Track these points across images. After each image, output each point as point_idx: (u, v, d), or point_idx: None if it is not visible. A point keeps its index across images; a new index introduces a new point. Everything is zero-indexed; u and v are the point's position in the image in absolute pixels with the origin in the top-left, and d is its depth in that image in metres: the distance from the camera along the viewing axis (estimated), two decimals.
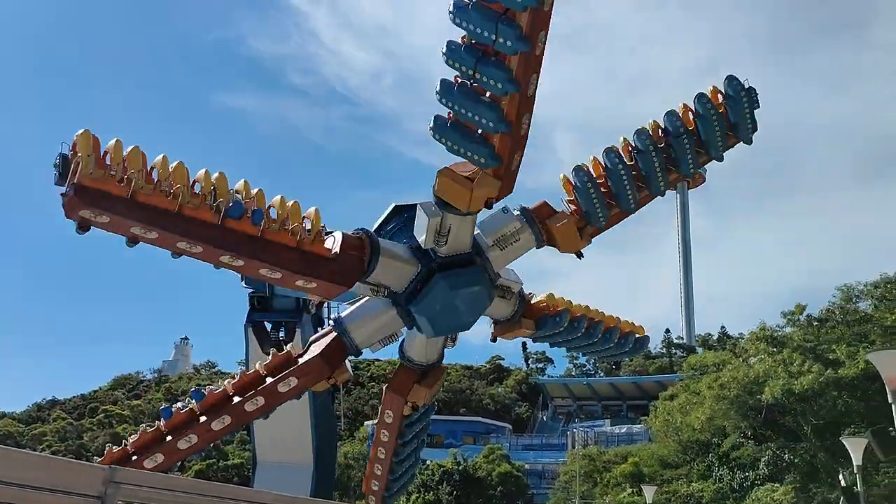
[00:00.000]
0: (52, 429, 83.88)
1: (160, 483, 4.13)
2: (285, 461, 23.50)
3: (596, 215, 11.90)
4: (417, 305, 10.78)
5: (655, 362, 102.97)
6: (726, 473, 37.35)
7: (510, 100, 9.33)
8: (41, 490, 3.33)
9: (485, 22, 8.89)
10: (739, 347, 40.84)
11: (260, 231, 9.32)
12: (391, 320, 11.42)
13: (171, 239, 8.77)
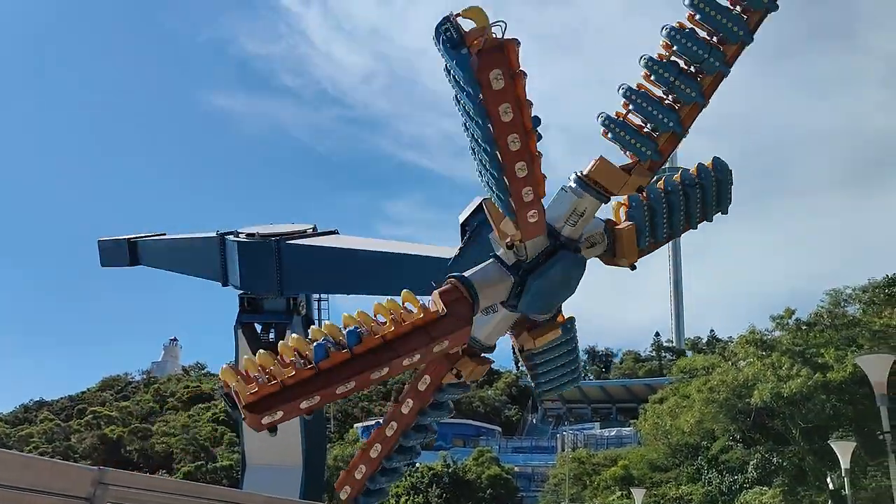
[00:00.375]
0: (39, 430, 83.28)
1: (149, 484, 4.10)
2: (274, 463, 23.38)
3: (644, 235, 11.96)
4: (537, 279, 10.89)
5: (645, 365, 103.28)
6: (715, 477, 37.46)
7: (691, 108, 10.23)
8: (29, 491, 3.30)
9: (702, 45, 10.09)
10: (729, 351, 40.96)
11: (382, 337, 9.64)
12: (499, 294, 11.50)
13: (328, 392, 9.22)
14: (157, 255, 25.83)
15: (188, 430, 79.15)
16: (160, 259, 25.91)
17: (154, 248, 25.63)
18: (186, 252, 24.29)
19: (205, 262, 22.90)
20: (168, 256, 25.56)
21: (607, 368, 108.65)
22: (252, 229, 22.29)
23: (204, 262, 23.06)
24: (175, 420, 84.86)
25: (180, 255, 24.77)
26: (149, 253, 25.39)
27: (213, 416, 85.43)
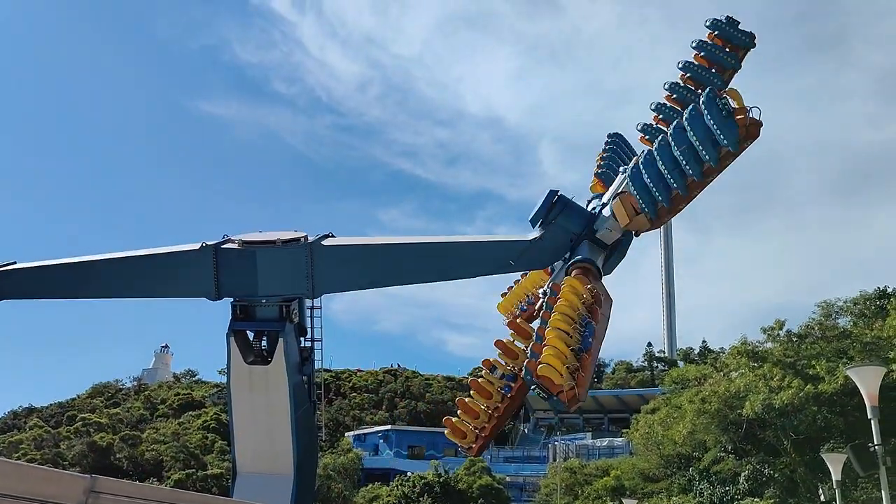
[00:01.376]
0: (28, 437, 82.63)
1: (141, 493, 4.08)
2: (265, 471, 23.26)
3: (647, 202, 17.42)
4: (620, 253, 20.01)
5: (637, 376, 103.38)
6: (707, 488, 37.45)
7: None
8: (22, 500, 3.29)
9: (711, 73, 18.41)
10: (720, 362, 41.05)
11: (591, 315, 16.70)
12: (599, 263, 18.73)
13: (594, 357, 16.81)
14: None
15: (178, 437, 78.68)
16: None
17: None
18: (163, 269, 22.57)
19: (190, 277, 22.46)
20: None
21: (599, 378, 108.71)
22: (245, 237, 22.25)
23: (188, 278, 22.61)
24: (165, 427, 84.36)
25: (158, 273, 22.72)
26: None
27: (204, 423, 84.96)
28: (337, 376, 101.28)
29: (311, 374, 24.86)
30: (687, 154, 16.00)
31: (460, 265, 20.71)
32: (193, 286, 22.40)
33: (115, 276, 22.67)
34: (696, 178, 16.21)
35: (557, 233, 18.72)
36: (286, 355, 22.50)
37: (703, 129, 15.64)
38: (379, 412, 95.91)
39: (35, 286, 23.20)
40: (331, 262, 21.57)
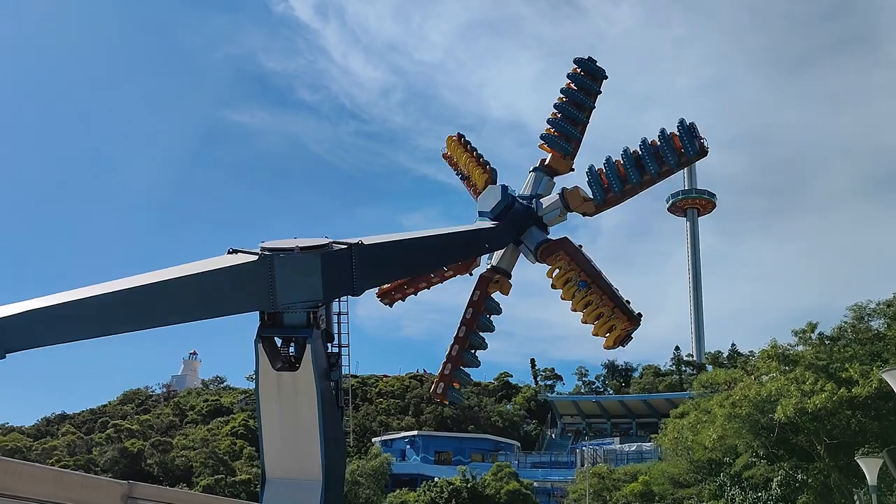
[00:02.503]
0: (61, 443, 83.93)
1: (177, 498, 4.11)
2: (294, 477, 23.33)
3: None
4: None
5: (665, 380, 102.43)
6: (738, 493, 36.92)
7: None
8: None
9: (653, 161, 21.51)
10: (751, 365, 40.47)
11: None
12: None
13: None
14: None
15: (207, 443, 79.41)
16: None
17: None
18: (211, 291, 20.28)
19: (244, 291, 21.00)
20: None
21: (627, 383, 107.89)
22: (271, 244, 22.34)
23: (242, 292, 21.07)
24: (195, 433, 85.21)
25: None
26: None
27: (232, 429, 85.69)
28: (363, 382, 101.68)
29: (339, 380, 24.88)
30: (649, 157, 20.87)
31: (450, 256, 21.72)
32: (249, 300, 20.72)
33: (156, 304, 19.18)
34: (654, 177, 21.07)
35: (508, 224, 22.35)
36: (314, 361, 22.51)
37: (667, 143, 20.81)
38: (405, 417, 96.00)
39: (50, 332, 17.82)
40: (369, 260, 21.55)
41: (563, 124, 22.83)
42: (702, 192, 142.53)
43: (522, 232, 22.85)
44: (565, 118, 23.17)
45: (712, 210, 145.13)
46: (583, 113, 23.12)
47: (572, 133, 22.99)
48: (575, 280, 21.43)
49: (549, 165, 23.26)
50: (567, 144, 23.24)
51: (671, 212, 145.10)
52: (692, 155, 21.08)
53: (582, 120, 23.06)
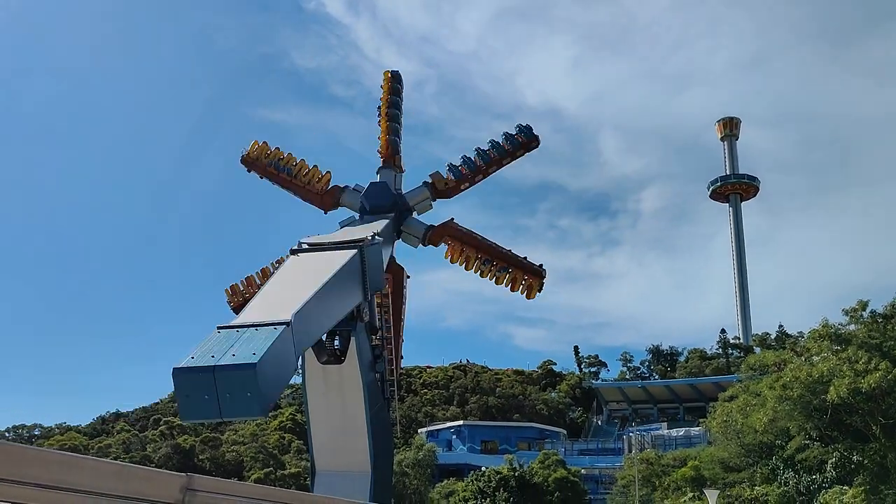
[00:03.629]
0: (116, 441, 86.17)
1: (233, 490, 4.17)
2: (343, 469, 23.61)
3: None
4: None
5: (712, 363, 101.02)
6: (792, 476, 36.28)
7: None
8: (123, 498, 3.39)
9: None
10: (801, 346, 39.67)
11: None
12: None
13: None
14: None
15: (257, 438, 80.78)
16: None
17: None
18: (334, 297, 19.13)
19: (351, 290, 20.48)
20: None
21: (672, 367, 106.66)
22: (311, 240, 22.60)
23: (351, 292, 20.55)
24: (244, 429, 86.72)
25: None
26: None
27: (281, 424, 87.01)
28: (407, 373, 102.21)
29: (384, 372, 25.14)
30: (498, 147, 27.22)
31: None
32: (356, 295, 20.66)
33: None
34: (500, 156, 27.50)
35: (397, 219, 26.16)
36: (359, 354, 22.76)
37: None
38: (450, 408, 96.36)
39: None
40: (374, 263, 21.62)
41: (471, 162, 28.03)
42: (741, 176, 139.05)
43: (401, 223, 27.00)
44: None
45: (755, 195, 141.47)
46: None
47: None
48: (474, 257, 26.31)
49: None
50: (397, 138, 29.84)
51: (713, 199, 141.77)
52: (529, 138, 27.59)
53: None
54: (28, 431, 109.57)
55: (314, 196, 28.97)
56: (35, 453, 3.04)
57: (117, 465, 3.45)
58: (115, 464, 3.45)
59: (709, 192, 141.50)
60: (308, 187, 28.94)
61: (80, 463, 3.25)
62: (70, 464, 3.20)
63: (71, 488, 3.08)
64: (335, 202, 28.79)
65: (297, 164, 29.50)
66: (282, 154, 29.86)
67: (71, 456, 3.19)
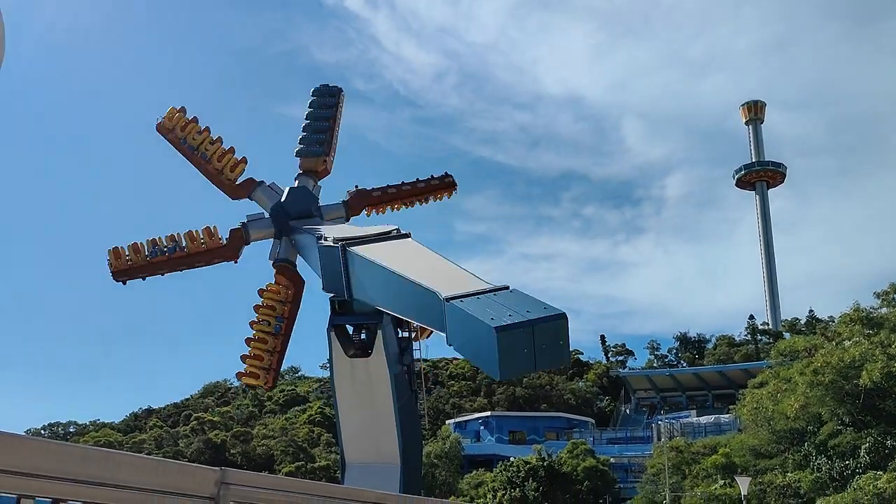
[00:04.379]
0: (149, 437, 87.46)
1: (267, 483, 4.20)
2: (373, 461, 23.75)
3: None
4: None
5: (740, 350, 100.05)
6: (824, 462, 35.86)
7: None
8: (159, 493, 3.43)
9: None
10: (832, 331, 39.18)
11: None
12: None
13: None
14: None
15: (286, 432, 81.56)
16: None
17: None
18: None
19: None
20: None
21: (700, 355, 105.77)
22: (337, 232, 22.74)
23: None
24: (273, 423, 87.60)
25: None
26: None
27: (310, 417, 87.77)
28: (434, 365, 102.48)
29: (411, 364, 25.22)
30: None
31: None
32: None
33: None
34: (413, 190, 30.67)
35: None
36: (386, 347, 22.90)
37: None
38: (477, 399, 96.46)
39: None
40: (356, 268, 20.77)
41: (311, 135, 28.76)
42: (765, 163, 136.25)
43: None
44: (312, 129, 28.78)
45: (782, 181, 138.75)
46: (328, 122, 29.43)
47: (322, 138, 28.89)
48: (394, 206, 28.82)
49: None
50: (319, 148, 28.97)
51: (739, 186, 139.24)
52: (444, 179, 30.56)
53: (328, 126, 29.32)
54: (63, 429, 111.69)
55: (226, 184, 28.40)
56: (73, 450, 3.08)
57: (153, 460, 3.49)
58: (151, 459, 3.49)
59: (734, 180, 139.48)
60: (221, 176, 28.26)
61: (117, 458, 3.30)
62: (107, 459, 3.24)
63: (109, 483, 3.12)
64: (246, 194, 28.34)
65: (214, 148, 28.63)
66: (199, 129, 28.87)
67: (108, 452, 3.23)
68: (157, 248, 26.86)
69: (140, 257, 26.65)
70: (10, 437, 2.78)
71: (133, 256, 26.74)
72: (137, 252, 26.77)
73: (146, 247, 26.92)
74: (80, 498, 3.04)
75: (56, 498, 2.95)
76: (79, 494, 3.00)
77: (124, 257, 26.76)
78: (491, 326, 13.17)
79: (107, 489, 3.10)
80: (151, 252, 26.76)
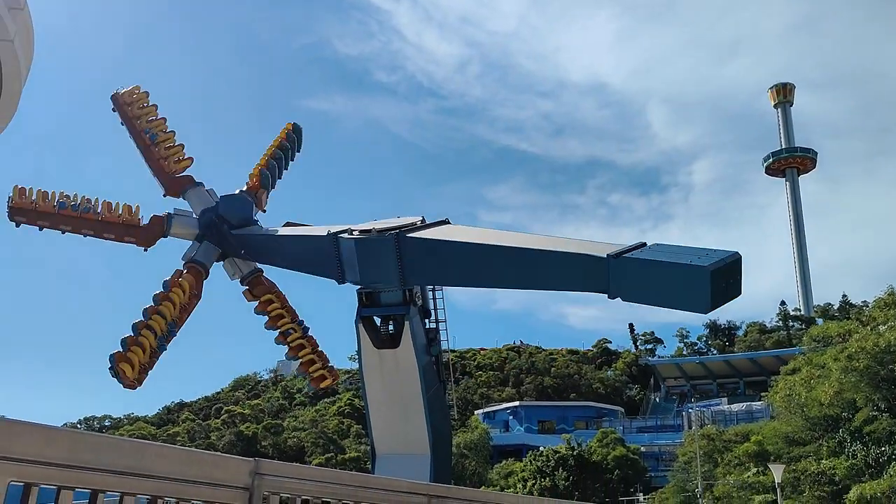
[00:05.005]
0: (182, 430, 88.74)
1: (300, 473, 4.23)
2: (403, 451, 23.87)
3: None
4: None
5: (772, 336, 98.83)
6: (860, 449, 35.32)
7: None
8: (194, 483, 3.47)
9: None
10: (866, 315, 38.50)
11: None
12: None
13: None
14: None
15: (317, 424, 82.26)
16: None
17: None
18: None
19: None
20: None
21: (731, 342, 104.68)
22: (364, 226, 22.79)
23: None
24: (304, 415, 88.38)
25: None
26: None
27: (339, 409, 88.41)
28: (461, 356, 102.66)
29: (439, 355, 25.29)
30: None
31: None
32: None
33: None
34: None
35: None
36: (413, 338, 22.98)
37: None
38: (506, 389, 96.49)
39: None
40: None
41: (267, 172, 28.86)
42: (793, 149, 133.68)
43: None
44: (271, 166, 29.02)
45: (813, 168, 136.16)
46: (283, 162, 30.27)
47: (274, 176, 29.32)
48: (289, 320, 27.07)
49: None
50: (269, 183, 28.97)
51: (769, 174, 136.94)
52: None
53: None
54: (98, 422, 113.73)
55: (165, 174, 27.52)
56: (109, 441, 3.12)
57: (188, 451, 3.53)
58: (186, 450, 3.53)
59: (763, 168, 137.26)
60: (164, 163, 27.50)
61: (152, 450, 3.34)
62: (142, 451, 3.29)
63: (145, 474, 3.15)
64: (181, 191, 27.47)
65: (165, 136, 27.98)
66: (156, 115, 28.23)
67: (143, 443, 3.27)
68: (68, 203, 25.93)
69: (47, 205, 25.70)
70: (49, 430, 2.83)
71: (40, 202, 25.78)
72: (45, 199, 25.86)
73: (56, 197, 25.95)
74: (118, 488, 3.08)
75: (94, 489, 3.00)
76: (116, 485, 3.04)
77: (29, 198, 25.69)
78: (702, 266, 15.06)
79: (143, 479, 3.15)
80: (60, 203, 25.86)
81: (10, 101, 15.41)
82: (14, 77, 14.74)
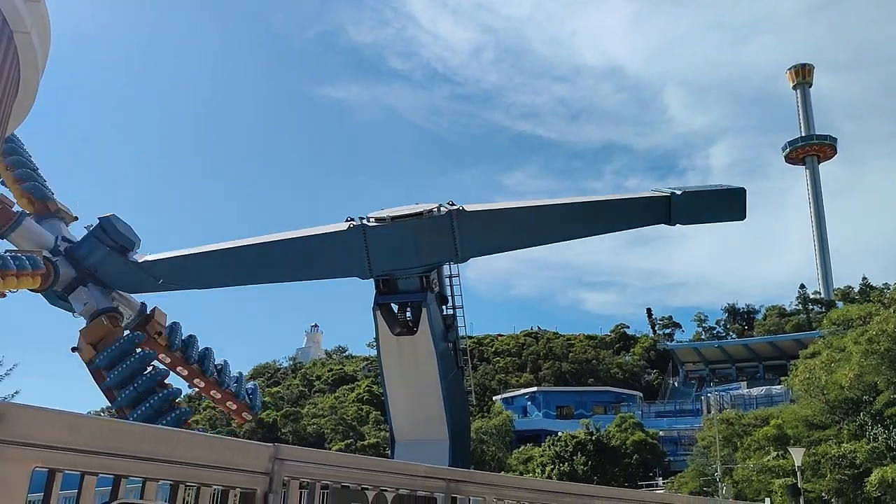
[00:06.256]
0: (203, 417, 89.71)
1: (319, 458, 4.28)
2: (421, 437, 24.02)
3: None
4: None
5: (791, 320, 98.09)
6: (881, 432, 35.06)
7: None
8: (215, 468, 3.52)
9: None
10: (887, 298, 38.09)
11: None
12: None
13: None
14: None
15: (336, 410, 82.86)
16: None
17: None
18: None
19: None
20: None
21: (750, 326, 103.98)
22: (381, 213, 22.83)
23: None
24: (323, 402, 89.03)
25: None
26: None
27: (358, 396, 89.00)
28: (479, 342, 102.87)
29: (456, 341, 25.36)
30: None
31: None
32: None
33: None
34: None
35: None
36: (431, 324, 23.06)
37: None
38: (524, 374, 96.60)
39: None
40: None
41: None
42: (810, 137, 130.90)
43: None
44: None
45: (833, 156, 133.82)
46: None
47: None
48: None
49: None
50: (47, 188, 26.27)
51: (789, 161, 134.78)
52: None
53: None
54: None
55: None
56: (131, 427, 3.17)
57: (209, 437, 3.58)
58: (207, 436, 3.59)
59: (783, 156, 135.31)
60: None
61: (173, 436, 3.39)
62: (164, 437, 3.34)
63: (167, 459, 3.21)
64: (12, 227, 24.47)
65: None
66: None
67: (165, 430, 3.32)
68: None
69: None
70: (73, 417, 2.88)
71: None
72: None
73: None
74: (141, 474, 3.13)
75: (117, 474, 3.05)
76: (139, 471, 3.09)
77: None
78: (741, 188, 23.71)
79: (165, 465, 3.20)
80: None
81: (29, 93, 15.56)
82: (32, 69, 14.86)
